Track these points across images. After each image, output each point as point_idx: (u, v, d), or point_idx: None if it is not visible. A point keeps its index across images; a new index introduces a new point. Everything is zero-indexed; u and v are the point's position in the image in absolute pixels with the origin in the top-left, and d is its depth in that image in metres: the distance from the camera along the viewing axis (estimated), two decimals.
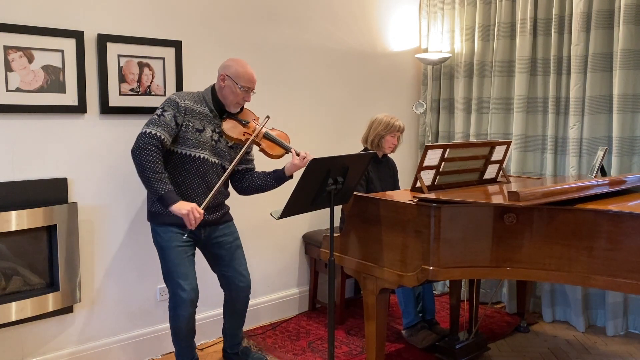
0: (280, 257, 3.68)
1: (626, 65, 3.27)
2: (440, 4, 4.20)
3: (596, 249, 2.22)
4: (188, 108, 2.55)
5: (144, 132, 2.46)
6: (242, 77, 2.57)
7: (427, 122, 4.28)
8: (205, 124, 2.60)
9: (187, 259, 2.62)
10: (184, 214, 2.41)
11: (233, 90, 2.58)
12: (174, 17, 3.05)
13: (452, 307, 3.12)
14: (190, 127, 2.55)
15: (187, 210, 2.41)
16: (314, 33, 3.70)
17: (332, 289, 2.39)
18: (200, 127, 2.58)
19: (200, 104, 2.61)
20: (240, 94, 2.59)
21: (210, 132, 2.61)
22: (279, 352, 3.17)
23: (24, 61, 2.57)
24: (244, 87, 2.58)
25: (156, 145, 2.44)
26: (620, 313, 3.42)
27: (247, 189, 2.82)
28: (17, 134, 2.59)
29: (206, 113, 2.61)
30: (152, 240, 2.67)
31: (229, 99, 2.61)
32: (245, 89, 2.59)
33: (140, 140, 2.45)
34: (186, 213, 2.40)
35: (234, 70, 2.58)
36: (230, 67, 2.59)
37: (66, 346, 2.82)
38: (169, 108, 2.52)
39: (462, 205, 2.39)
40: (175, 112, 2.51)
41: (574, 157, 3.50)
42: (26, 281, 2.66)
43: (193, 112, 2.57)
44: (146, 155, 2.42)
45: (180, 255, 2.59)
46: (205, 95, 2.65)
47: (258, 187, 2.80)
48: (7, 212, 2.50)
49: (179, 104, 2.53)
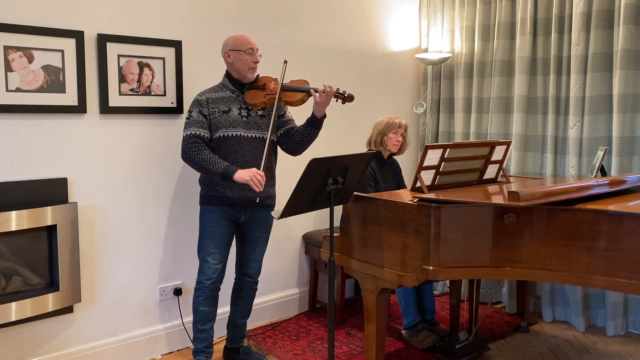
0: (280, 257, 3.68)
1: (626, 65, 3.26)
2: (440, 4, 4.20)
3: (596, 249, 2.22)
4: (209, 98, 2.72)
5: (183, 137, 2.69)
6: (241, 43, 2.73)
7: (427, 122, 4.28)
8: (230, 104, 2.74)
9: (223, 240, 2.79)
10: (248, 180, 2.58)
11: (240, 58, 2.72)
12: (174, 17, 3.05)
13: (452, 307, 3.12)
14: (216, 112, 2.71)
15: (250, 176, 2.58)
16: (314, 33, 3.70)
17: (332, 289, 2.39)
18: (225, 109, 2.72)
19: (221, 90, 2.77)
20: (248, 58, 2.72)
21: (237, 110, 2.74)
22: (279, 352, 3.17)
23: (24, 61, 2.57)
24: (247, 50, 2.72)
25: (196, 141, 2.65)
26: (620, 313, 3.42)
27: (294, 147, 2.89)
28: (17, 134, 2.59)
29: (229, 95, 2.75)
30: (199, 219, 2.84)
31: (241, 69, 2.74)
32: (250, 51, 2.72)
33: (183, 145, 2.68)
34: (249, 179, 2.58)
35: (232, 42, 2.75)
36: (228, 43, 2.76)
37: (66, 346, 2.82)
38: (193, 107, 2.71)
39: (462, 205, 2.39)
40: (199, 108, 2.69)
41: (574, 157, 3.50)
42: (26, 281, 2.66)
43: (216, 100, 2.72)
44: (191, 152, 2.65)
45: (215, 236, 2.77)
46: (223, 81, 2.80)
47: (301, 141, 2.86)
48: (7, 212, 2.50)
49: (199, 100, 2.71)
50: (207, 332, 2.84)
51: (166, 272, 3.14)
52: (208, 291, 2.79)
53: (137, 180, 2.99)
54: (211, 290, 2.80)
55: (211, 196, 2.77)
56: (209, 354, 2.86)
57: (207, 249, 2.78)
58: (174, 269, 3.17)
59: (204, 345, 2.84)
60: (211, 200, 2.77)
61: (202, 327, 2.82)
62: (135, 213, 2.99)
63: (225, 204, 2.75)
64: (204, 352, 2.85)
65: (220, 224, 2.78)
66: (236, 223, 2.83)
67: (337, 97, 2.77)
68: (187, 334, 3.15)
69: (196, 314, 2.83)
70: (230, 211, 2.77)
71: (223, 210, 2.77)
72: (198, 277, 2.82)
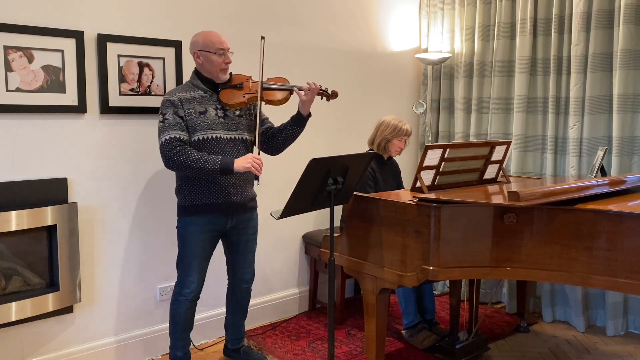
0: (280, 257, 3.68)
1: (626, 65, 3.26)
2: (440, 4, 4.20)
3: (596, 249, 2.22)
4: (182, 98, 2.58)
5: (160, 144, 2.53)
6: (212, 43, 2.60)
7: (427, 122, 4.28)
8: (206, 104, 2.62)
9: (204, 253, 2.70)
10: (249, 167, 2.50)
11: (211, 60, 2.60)
12: (174, 17, 3.05)
13: (452, 307, 3.12)
14: (192, 113, 2.58)
15: (250, 162, 2.50)
16: (314, 33, 3.70)
17: (332, 289, 2.39)
18: (201, 110, 2.60)
19: (192, 90, 2.64)
20: (219, 60, 2.60)
21: (214, 111, 2.63)
22: (279, 352, 3.17)
23: (24, 61, 2.57)
24: (219, 51, 2.60)
25: (178, 144, 2.50)
26: (620, 313, 3.42)
27: (275, 145, 2.83)
28: (17, 134, 2.59)
29: (202, 95, 2.63)
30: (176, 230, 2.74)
31: (212, 70, 2.62)
32: (221, 52, 2.61)
33: (163, 152, 2.51)
34: (249, 165, 2.50)
35: (201, 42, 2.61)
36: (197, 41, 2.63)
37: (66, 346, 2.82)
38: (165, 110, 2.56)
39: (462, 205, 2.39)
40: (173, 109, 2.55)
41: (574, 157, 3.50)
42: (26, 281, 2.66)
43: (189, 100, 2.59)
44: (177, 158, 2.49)
45: (197, 249, 2.67)
46: (193, 80, 2.67)
47: (285, 140, 2.81)
48: (7, 212, 2.50)
49: (172, 101, 2.56)
50: (185, 340, 2.79)
51: (166, 272, 3.14)
52: (189, 303, 2.71)
53: (137, 180, 2.99)
54: (192, 302, 2.72)
55: (193, 206, 2.62)
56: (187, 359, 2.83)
57: (190, 263, 2.67)
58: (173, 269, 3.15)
59: (182, 353, 2.79)
60: (193, 210, 2.63)
61: (181, 336, 2.77)
62: (135, 213, 2.99)
63: (210, 212, 2.62)
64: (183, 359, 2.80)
65: (204, 237, 2.66)
66: (222, 231, 2.73)
67: (321, 94, 2.74)
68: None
69: (175, 324, 2.74)
70: (215, 219, 2.66)
71: (208, 221, 2.65)
72: (178, 289, 2.72)
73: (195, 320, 3.13)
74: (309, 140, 3.61)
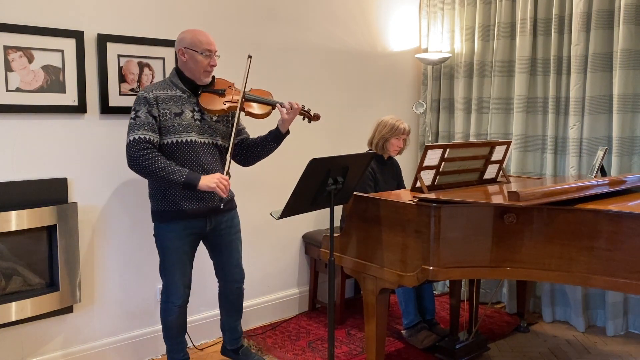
0: (280, 257, 3.68)
1: (626, 65, 3.26)
2: (440, 4, 4.20)
3: (596, 249, 2.22)
4: (158, 97, 2.48)
5: (128, 142, 2.42)
6: (200, 42, 2.50)
7: (427, 122, 4.28)
8: (182, 106, 2.52)
9: (186, 258, 2.64)
10: (214, 187, 2.42)
11: (196, 60, 2.50)
12: (174, 17, 3.05)
13: (452, 307, 3.12)
14: (167, 114, 2.48)
15: (215, 183, 2.42)
16: (314, 33, 3.70)
17: (332, 289, 2.39)
18: (177, 111, 2.50)
19: (170, 88, 2.54)
20: (204, 61, 2.51)
21: (190, 113, 2.53)
22: (279, 352, 3.17)
23: (24, 61, 2.57)
24: (205, 52, 2.50)
25: (146, 147, 2.40)
26: (620, 313, 3.42)
27: (249, 158, 2.77)
28: (17, 134, 2.59)
29: (179, 95, 2.53)
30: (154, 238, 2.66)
31: (195, 71, 2.52)
32: (207, 54, 2.51)
33: (129, 152, 2.41)
34: (215, 186, 2.42)
35: (189, 40, 2.52)
36: (185, 38, 2.53)
37: (66, 346, 2.82)
38: (139, 107, 2.45)
39: (462, 205, 2.39)
40: (147, 108, 2.44)
41: (574, 157, 3.50)
42: (26, 281, 2.66)
43: (165, 99, 2.49)
44: (143, 161, 2.39)
45: (179, 256, 2.60)
46: (172, 78, 2.57)
47: (259, 154, 2.76)
48: (7, 212, 2.50)
49: (147, 98, 2.46)
50: (182, 342, 2.76)
51: None
52: (178, 310, 2.65)
53: (137, 180, 2.98)
54: (180, 308, 2.66)
55: (167, 211, 2.53)
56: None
57: (173, 271, 2.59)
58: None
59: (181, 355, 2.76)
60: (168, 216, 2.54)
61: (176, 340, 2.73)
62: (135, 213, 2.99)
63: (185, 217, 2.54)
64: None
65: (183, 242, 2.58)
66: (202, 235, 2.66)
67: (303, 114, 2.70)
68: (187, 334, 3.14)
69: (169, 330, 2.70)
70: (192, 224, 2.57)
71: (185, 226, 2.55)
72: (165, 297, 2.65)
73: (195, 321, 3.14)
74: (309, 140, 3.62)
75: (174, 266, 2.60)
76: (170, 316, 2.67)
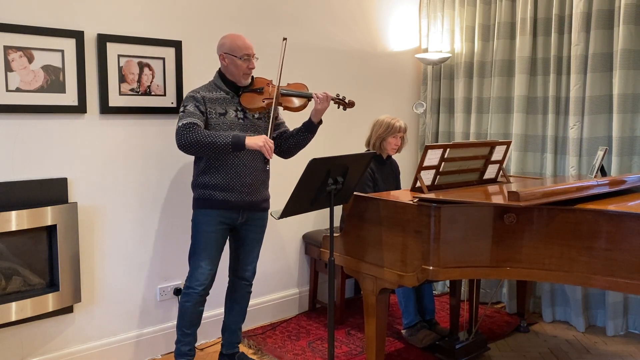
0: (280, 257, 3.68)
1: (626, 65, 3.27)
2: (440, 4, 4.20)
3: (596, 249, 2.22)
4: (205, 97, 2.64)
5: (177, 128, 2.56)
6: (239, 48, 2.65)
7: (427, 122, 4.28)
8: (226, 106, 2.68)
9: (215, 245, 2.73)
10: (261, 145, 2.52)
11: (236, 64, 2.66)
12: (174, 17, 3.05)
13: (452, 307, 3.12)
14: (213, 114, 2.64)
15: (263, 141, 2.53)
16: (314, 33, 3.70)
17: (332, 289, 2.39)
18: (222, 111, 2.66)
19: (215, 90, 2.70)
20: (243, 64, 2.66)
21: (234, 112, 2.69)
22: (279, 352, 3.17)
23: (24, 61, 2.57)
24: (244, 56, 2.65)
25: (193, 126, 2.53)
26: (620, 313, 3.42)
27: (287, 150, 2.88)
28: (17, 134, 2.59)
29: (223, 97, 2.69)
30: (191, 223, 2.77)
31: (236, 74, 2.68)
32: (246, 58, 2.66)
33: (178, 135, 2.54)
34: (262, 144, 2.52)
35: (228, 45, 2.67)
36: (225, 44, 2.68)
37: (66, 346, 2.82)
38: (188, 102, 2.61)
39: (462, 205, 2.39)
40: (195, 103, 2.60)
41: (574, 157, 3.50)
42: (26, 281, 2.66)
43: (211, 100, 2.65)
44: (190, 136, 2.50)
45: (209, 241, 2.71)
46: (216, 81, 2.73)
47: (296, 145, 2.85)
48: (7, 212, 2.50)
49: (195, 96, 2.63)
50: (192, 335, 2.80)
51: (166, 272, 3.14)
52: (198, 297, 2.72)
53: (137, 180, 2.99)
54: (201, 296, 2.73)
55: (208, 199, 2.69)
56: (191, 357, 2.83)
57: (201, 254, 2.71)
58: (174, 269, 3.17)
59: (188, 349, 2.80)
60: (208, 204, 2.69)
61: (187, 331, 2.77)
62: (135, 213, 2.99)
63: (223, 207, 2.69)
64: (188, 355, 2.80)
65: (216, 229, 2.71)
66: (232, 226, 2.78)
67: (338, 102, 2.79)
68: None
69: (183, 318, 2.76)
70: (227, 214, 2.71)
71: (220, 214, 2.70)
72: (188, 282, 2.74)
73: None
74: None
75: (202, 250, 2.70)
76: (188, 302, 2.73)
